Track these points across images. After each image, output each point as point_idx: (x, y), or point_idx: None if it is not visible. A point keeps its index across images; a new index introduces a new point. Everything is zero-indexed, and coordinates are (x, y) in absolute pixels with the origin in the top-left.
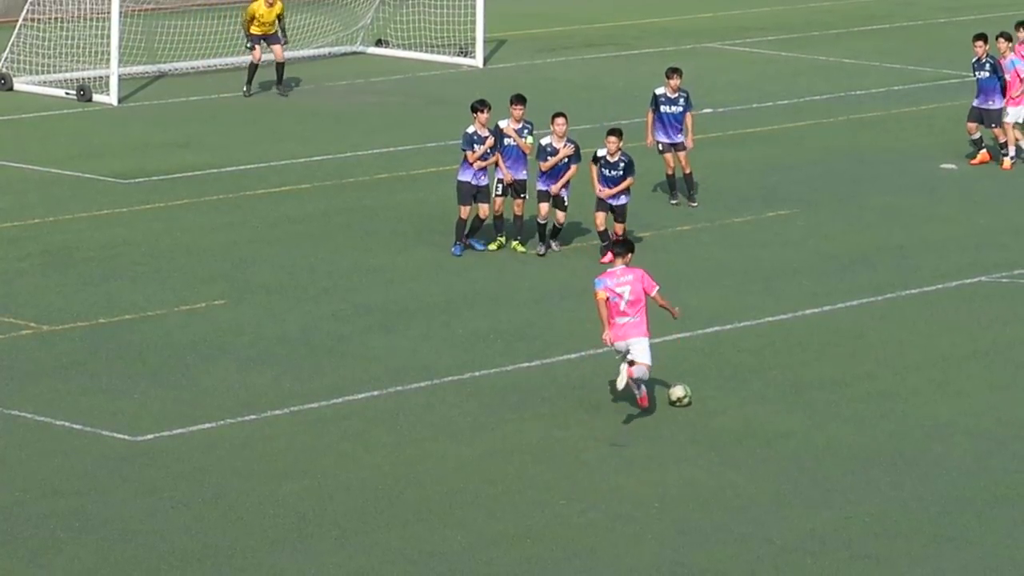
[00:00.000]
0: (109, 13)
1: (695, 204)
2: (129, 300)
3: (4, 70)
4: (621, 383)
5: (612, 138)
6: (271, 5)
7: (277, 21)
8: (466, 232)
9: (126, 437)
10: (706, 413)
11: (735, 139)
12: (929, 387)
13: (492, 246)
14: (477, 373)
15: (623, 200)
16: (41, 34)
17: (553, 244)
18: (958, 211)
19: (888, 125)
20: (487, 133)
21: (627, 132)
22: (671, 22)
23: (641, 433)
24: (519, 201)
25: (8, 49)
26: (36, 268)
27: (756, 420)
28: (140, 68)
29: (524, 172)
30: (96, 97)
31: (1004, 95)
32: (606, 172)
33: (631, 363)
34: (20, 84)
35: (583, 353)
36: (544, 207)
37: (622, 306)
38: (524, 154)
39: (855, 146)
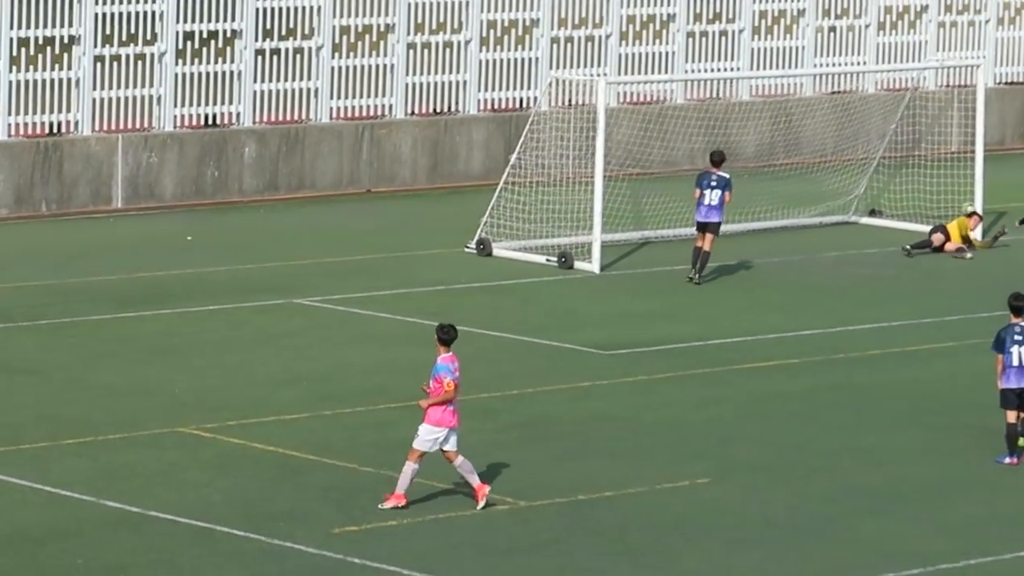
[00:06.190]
0: (593, 177)
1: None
2: (608, 476)
3: (484, 235)
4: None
5: None
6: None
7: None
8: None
9: None
10: None
11: None
12: None
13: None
14: (972, 561)
15: None
16: (521, 198)
17: None
18: None
19: None
20: None
21: None
22: None
23: None
24: None
25: (488, 213)
26: (513, 441)
27: None
28: (624, 235)
29: None
30: (578, 264)
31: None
32: None
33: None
34: (499, 250)
35: None
36: None
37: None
38: None
39: None
